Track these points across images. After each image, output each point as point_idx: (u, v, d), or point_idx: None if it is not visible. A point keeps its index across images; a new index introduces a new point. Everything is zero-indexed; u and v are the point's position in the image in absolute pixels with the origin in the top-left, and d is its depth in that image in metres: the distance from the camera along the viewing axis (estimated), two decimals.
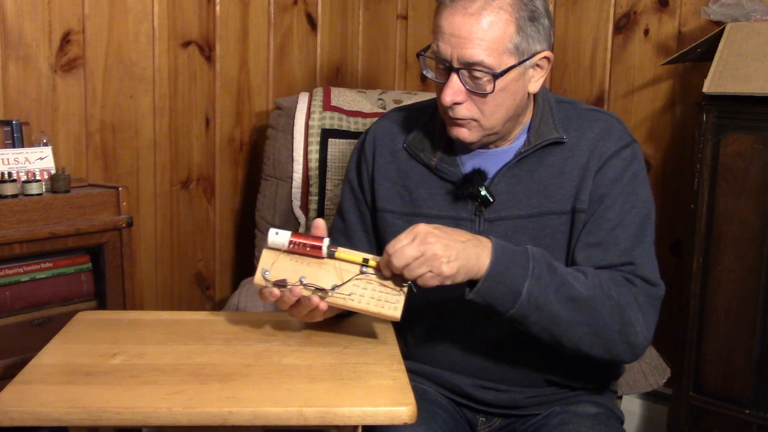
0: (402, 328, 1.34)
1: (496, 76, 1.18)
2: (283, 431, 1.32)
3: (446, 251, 1.10)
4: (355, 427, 1.03)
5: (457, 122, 1.24)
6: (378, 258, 1.17)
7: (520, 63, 1.20)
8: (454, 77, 1.20)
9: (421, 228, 1.12)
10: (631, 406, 2.20)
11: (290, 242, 1.16)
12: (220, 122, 2.36)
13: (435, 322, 1.33)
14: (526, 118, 1.31)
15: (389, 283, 1.15)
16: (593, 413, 1.29)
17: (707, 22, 1.97)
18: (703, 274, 1.76)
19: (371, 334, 1.25)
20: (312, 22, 2.56)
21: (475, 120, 1.23)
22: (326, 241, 1.16)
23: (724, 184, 1.72)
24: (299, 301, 1.15)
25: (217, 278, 2.43)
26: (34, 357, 1.10)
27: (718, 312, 1.75)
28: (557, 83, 2.31)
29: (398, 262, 1.10)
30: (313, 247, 1.16)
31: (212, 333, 1.24)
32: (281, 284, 1.15)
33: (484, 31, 1.16)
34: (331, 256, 1.17)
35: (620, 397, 1.86)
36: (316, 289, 1.14)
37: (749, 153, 1.67)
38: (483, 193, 1.26)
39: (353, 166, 1.44)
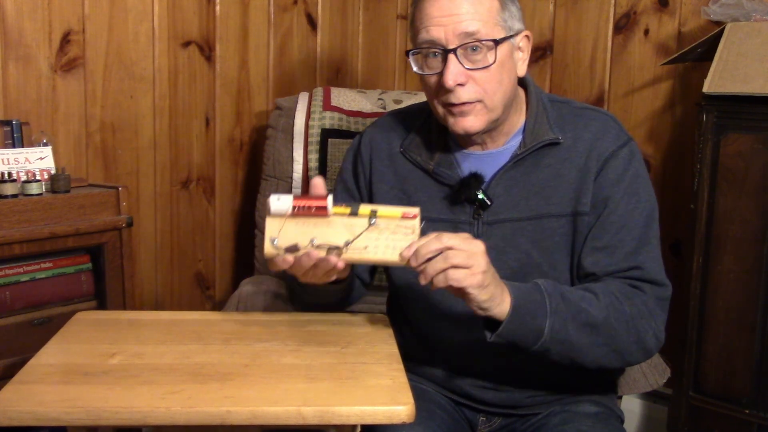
0: (400, 327, 1.34)
1: (497, 43, 1.19)
2: (281, 431, 1.32)
3: (489, 266, 1.09)
4: (354, 427, 1.03)
5: (460, 110, 1.22)
6: (387, 208, 1.13)
7: (509, 36, 1.22)
8: (452, 59, 1.19)
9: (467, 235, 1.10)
10: (631, 406, 2.20)
11: (293, 206, 1.12)
12: (220, 122, 2.36)
13: (433, 323, 1.32)
14: (520, 119, 1.30)
15: (400, 228, 1.12)
16: (593, 412, 1.29)
17: (707, 22, 1.97)
18: (703, 274, 1.76)
19: (370, 334, 1.25)
20: (312, 22, 2.56)
21: (479, 101, 1.22)
22: (330, 198, 1.13)
23: (724, 184, 1.72)
24: (315, 264, 1.13)
25: (217, 278, 2.43)
26: (32, 357, 1.10)
27: (718, 312, 1.75)
28: (557, 83, 2.31)
29: (448, 239, 1.06)
30: (318, 207, 1.12)
31: (211, 333, 1.24)
32: (293, 249, 1.12)
33: (472, 5, 1.18)
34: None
35: (620, 397, 1.85)
36: (330, 248, 1.12)
37: (749, 153, 1.67)
38: (480, 196, 1.25)
39: (349, 168, 1.43)
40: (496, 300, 1.10)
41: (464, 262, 1.05)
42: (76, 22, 2.00)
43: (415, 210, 1.13)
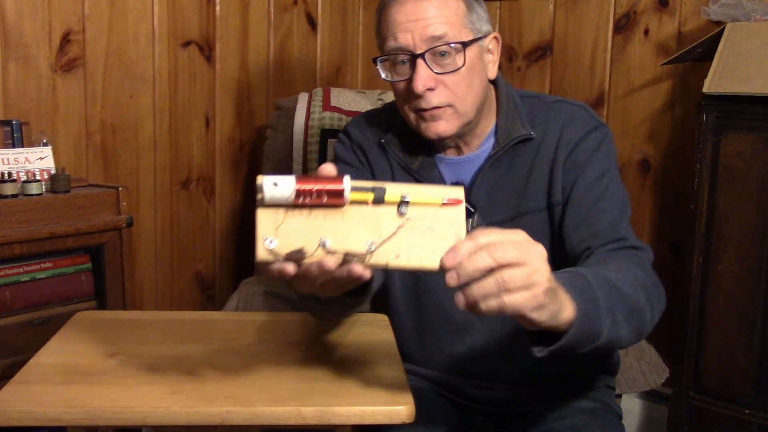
0: (395, 329, 1.33)
1: (465, 45, 1.17)
2: (281, 431, 1.32)
3: (551, 280, 0.86)
4: (354, 427, 1.03)
5: (431, 115, 1.20)
6: (422, 189, 0.86)
7: (478, 39, 1.20)
8: (421, 64, 1.17)
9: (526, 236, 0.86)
10: (631, 406, 2.20)
11: (297, 192, 0.82)
12: (220, 122, 2.36)
13: (426, 326, 1.31)
14: (493, 121, 1.28)
15: (439, 220, 0.85)
16: (590, 408, 1.28)
17: (707, 22, 1.97)
18: (703, 274, 1.76)
19: (370, 334, 1.25)
20: (312, 22, 2.56)
21: (450, 105, 1.20)
22: (348, 180, 0.83)
23: (724, 184, 1.72)
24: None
25: (217, 278, 2.43)
26: (32, 357, 1.11)
27: (718, 312, 1.75)
28: (557, 83, 2.31)
29: (503, 252, 0.81)
30: (331, 192, 0.83)
31: (211, 333, 1.24)
32: (297, 255, 0.83)
33: (439, 9, 1.17)
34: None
35: (620, 396, 1.85)
36: (348, 254, 0.83)
37: (749, 153, 1.67)
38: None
39: (348, 150, 1.35)
40: (553, 316, 0.89)
41: (524, 283, 0.82)
42: (76, 22, 2.00)
43: (459, 192, 0.87)
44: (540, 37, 2.33)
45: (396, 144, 1.31)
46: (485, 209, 1.25)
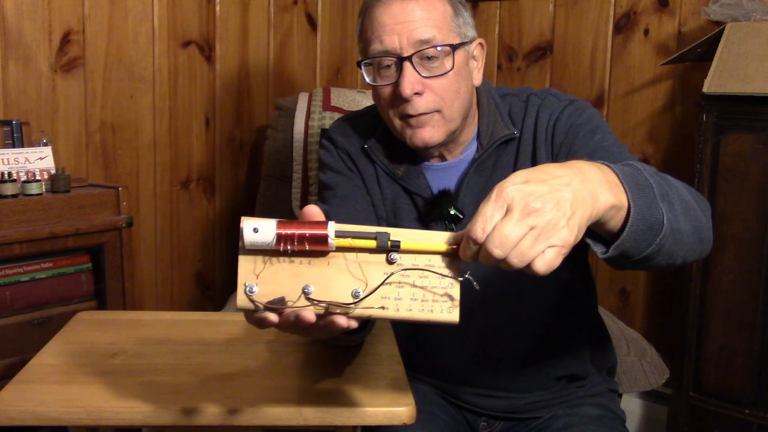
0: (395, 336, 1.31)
1: (454, 48, 1.15)
2: (282, 431, 1.31)
3: (559, 209, 0.77)
4: (355, 428, 1.03)
5: (418, 121, 1.17)
6: (417, 235, 0.81)
7: (465, 43, 1.18)
8: (408, 67, 1.14)
9: (511, 190, 0.77)
10: (631, 406, 2.20)
11: (278, 237, 0.78)
12: (220, 122, 2.36)
13: (423, 336, 1.30)
14: (474, 127, 1.26)
15: (432, 272, 0.80)
16: (596, 415, 1.27)
17: (707, 22, 1.97)
18: (703, 274, 1.76)
19: (370, 335, 1.25)
20: (312, 22, 2.56)
21: (438, 111, 1.17)
22: (332, 226, 0.79)
23: (724, 184, 1.72)
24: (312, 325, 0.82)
25: (217, 278, 2.43)
26: (33, 357, 1.11)
27: (718, 312, 1.75)
28: (557, 83, 2.31)
29: (502, 250, 0.75)
30: (314, 238, 0.78)
31: (212, 333, 1.24)
32: (278, 304, 0.79)
33: (426, 11, 1.14)
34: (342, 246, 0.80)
35: (620, 395, 1.85)
36: (331, 305, 0.79)
37: (749, 153, 1.67)
38: (452, 212, 1.21)
39: (335, 158, 1.31)
40: (583, 225, 0.79)
41: (542, 248, 0.75)
42: (76, 22, 2.00)
43: (451, 237, 0.81)
44: (540, 37, 2.34)
45: (380, 150, 1.28)
46: (472, 214, 1.22)
